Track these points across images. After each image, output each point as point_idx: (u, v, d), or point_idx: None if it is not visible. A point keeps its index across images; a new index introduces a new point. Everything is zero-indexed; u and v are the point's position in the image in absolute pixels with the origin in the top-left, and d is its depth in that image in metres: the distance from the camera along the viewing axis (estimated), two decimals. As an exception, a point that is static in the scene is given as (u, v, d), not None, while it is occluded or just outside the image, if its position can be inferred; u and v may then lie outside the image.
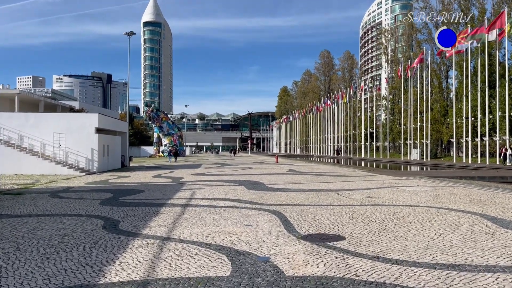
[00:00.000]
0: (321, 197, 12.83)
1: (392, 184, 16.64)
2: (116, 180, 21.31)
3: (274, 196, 13.10)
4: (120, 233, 7.67)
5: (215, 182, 19.18)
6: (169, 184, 18.40)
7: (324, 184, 17.13)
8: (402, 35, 64.76)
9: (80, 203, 12.06)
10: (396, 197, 12.62)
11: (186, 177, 22.29)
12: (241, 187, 16.55)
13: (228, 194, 13.96)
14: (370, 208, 10.38)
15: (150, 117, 76.61)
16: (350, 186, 16.10)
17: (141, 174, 26.20)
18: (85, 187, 17.21)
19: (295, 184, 17.37)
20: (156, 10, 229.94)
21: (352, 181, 18.53)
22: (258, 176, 22.42)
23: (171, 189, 15.82)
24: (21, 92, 33.11)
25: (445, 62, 53.02)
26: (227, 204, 11.48)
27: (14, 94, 32.48)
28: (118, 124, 36.64)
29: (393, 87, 65.32)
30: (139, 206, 11.20)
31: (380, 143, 64.66)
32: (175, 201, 12.18)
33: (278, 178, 20.85)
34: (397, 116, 65.59)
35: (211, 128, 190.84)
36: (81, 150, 28.55)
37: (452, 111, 47.31)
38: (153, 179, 21.68)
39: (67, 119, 29.17)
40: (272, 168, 31.87)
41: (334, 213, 9.68)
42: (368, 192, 13.92)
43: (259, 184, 17.60)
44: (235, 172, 26.48)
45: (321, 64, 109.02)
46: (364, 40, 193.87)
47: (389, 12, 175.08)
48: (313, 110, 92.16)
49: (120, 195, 14.14)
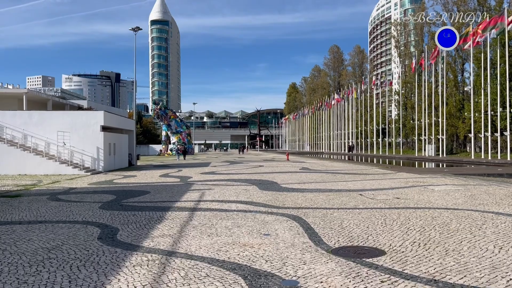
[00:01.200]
0: (343, 198, 11.62)
1: (417, 183, 15.35)
2: (121, 180, 20.31)
3: (291, 198, 11.92)
4: (117, 245, 6.56)
5: (225, 181, 18.06)
6: (177, 184, 17.32)
7: (342, 184, 15.90)
8: (414, 28, 62.89)
9: (79, 207, 11.01)
10: (427, 198, 11.36)
11: (194, 177, 21.21)
12: (253, 187, 15.40)
13: (240, 195, 12.82)
14: (402, 211, 9.15)
15: (158, 115, 75.79)
16: (371, 186, 14.85)
17: (148, 173, 25.19)
18: (88, 188, 16.20)
19: (311, 184, 16.17)
20: (163, 9, 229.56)
21: (372, 180, 17.27)
22: (271, 175, 21.25)
23: (178, 190, 14.72)
24: (29, 91, 32.34)
25: (461, 54, 51.20)
26: (239, 207, 10.34)
27: (22, 93, 31.68)
28: (125, 122, 35.71)
29: (405, 81, 63.56)
30: (143, 211, 10.11)
31: (393, 139, 63.04)
32: (183, 204, 11.07)
33: (292, 177, 19.66)
34: (410, 111, 63.88)
35: (219, 125, 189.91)
36: (87, 149, 27.66)
37: (469, 105, 45.63)
38: (160, 178, 20.64)
39: (71, 117, 28.25)
40: (283, 166, 30.67)
41: (362, 218, 8.47)
42: (394, 193, 12.68)
43: (273, 184, 16.43)
44: (245, 171, 25.34)
45: (331, 59, 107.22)
46: (373, 35, 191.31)
47: (398, 6, 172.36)
48: (323, 106, 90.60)
49: (123, 197, 13.08)
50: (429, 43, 52.42)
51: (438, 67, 49.79)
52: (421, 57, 50.10)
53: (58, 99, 41.04)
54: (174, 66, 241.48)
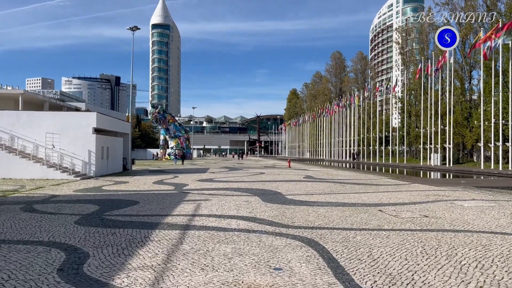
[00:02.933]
0: (361, 215, 9.98)
1: (440, 197, 13.71)
2: (111, 186, 18.65)
3: (300, 213, 10.28)
4: (78, 283, 4.91)
5: (223, 190, 16.40)
6: (170, 193, 15.66)
7: (355, 196, 14.25)
8: (420, 33, 61.55)
9: (52, 221, 9.34)
10: (460, 216, 9.72)
11: (190, 184, 19.55)
12: (255, 198, 13.76)
13: (240, 208, 11.17)
14: (440, 236, 7.51)
15: (156, 118, 74.30)
16: (389, 199, 13.21)
17: (141, 179, 23.52)
18: (71, 196, 14.54)
19: (320, 196, 14.51)
20: (164, 13, 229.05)
21: (387, 192, 15.62)
22: (273, 184, 19.60)
23: (171, 201, 13.06)
24: (25, 92, 30.85)
25: (468, 61, 49.79)
26: (240, 225, 8.69)
27: (18, 94, 30.09)
28: (120, 124, 34.08)
29: (410, 88, 62.10)
30: (125, 228, 8.45)
31: (397, 147, 61.43)
32: (174, 220, 9.42)
33: (297, 187, 18.00)
34: (414, 119, 62.37)
35: (219, 131, 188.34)
36: (77, 152, 26.06)
37: (477, 113, 44.13)
38: (153, 186, 18.98)
39: (62, 118, 26.64)
40: (286, 173, 29.01)
41: (394, 244, 6.83)
42: (418, 209, 11.02)
43: (277, 195, 14.78)
44: (245, 178, 23.68)
45: (332, 65, 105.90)
46: (374, 43, 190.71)
47: (400, 14, 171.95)
48: (324, 113, 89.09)
49: (107, 208, 11.42)
50: (435, 50, 50.99)
51: (445, 74, 48.38)
52: (427, 64, 48.67)
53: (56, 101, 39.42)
54: (175, 70, 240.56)
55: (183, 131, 75.88)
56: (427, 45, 59.88)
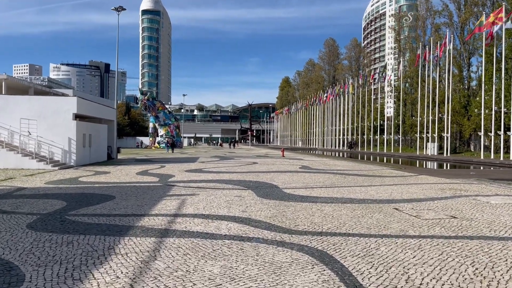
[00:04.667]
0: (375, 215, 8.39)
1: (457, 192, 12.18)
2: (89, 178, 16.87)
3: (303, 213, 8.66)
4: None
5: (213, 183, 14.72)
6: (153, 185, 13.95)
7: (361, 190, 12.68)
8: (417, 19, 59.87)
9: (0, 223, 7.60)
10: (495, 218, 8.16)
11: (177, 175, 17.83)
12: (248, 192, 12.12)
13: (232, 206, 9.51)
14: (486, 246, 5.92)
15: (145, 105, 71.93)
16: (401, 194, 11.64)
17: (125, 169, 21.75)
18: (40, 189, 12.76)
19: (321, 189, 12.91)
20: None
21: (395, 185, 14.07)
22: (268, 175, 17.96)
23: (152, 196, 11.36)
24: (8, 77, 28.71)
25: (467, 48, 48.32)
26: (232, 229, 7.04)
27: (1, 79, 27.90)
28: (104, 110, 32.04)
29: (406, 76, 60.60)
30: (88, 233, 6.75)
31: (392, 136, 60.18)
32: (150, 222, 7.73)
33: (294, 179, 16.39)
34: (410, 107, 61.07)
35: (210, 119, 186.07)
36: (56, 140, 24.15)
37: (476, 101, 42.91)
38: (135, 177, 17.23)
39: (40, 103, 24.63)
40: (280, 163, 27.40)
41: (433, 260, 5.23)
42: (439, 207, 9.47)
43: (273, 188, 13.16)
44: (237, 169, 22.02)
45: (326, 53, 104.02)
46: (367, 31, 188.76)
47: (393, 2, 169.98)
48: (317, 101, 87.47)
49: (75, 205, 9.70)
50: (434, 36, 49.46)
51: (442, 60, 46.93)
52: (425, 50, 47.10)
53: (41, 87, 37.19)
54: (165, 57, 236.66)
55: (173, 119, 73.75)
56: (424, 31, 58.31)
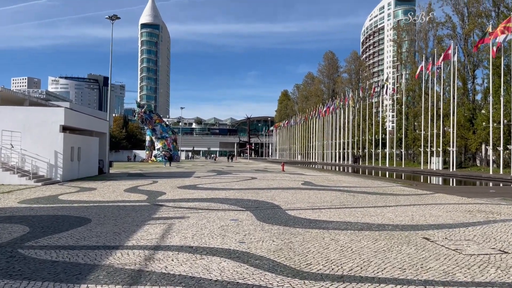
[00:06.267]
0: (404, 247, 6.77)
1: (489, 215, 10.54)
2: (71, 195, 15.21)
3: (314, 244, 7.03)
4: None
5: (207, 202, 13.08)
6: (139, 205, 12.30)
7: (376, 212, 11.05)
8: (419, 32, 58.92)
9: None
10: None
11: (168, 193, 16.18)
12: (247, 214, 10.49)
13: (227, 234, 7.88)
14: None
15: (142, 118, 70.47)
16: (423, 218, 10.01)
17: (114, 185, 20.09)
18: (7, 210, 11.10)
19: (330, 211, 11.28)
20: (154, 12, 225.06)
21: (411, 205, 12.46)
22: (268, 193, 16.32)
23: (134, 219, 9.72)
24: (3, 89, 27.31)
25: (471, 60, 47.15)
26: (225, 272, 5.40)
27: None
28: (96, 122, 30.47)
29: (408, 89, 59.38)
30: (33, 279, 5.11)
31: (394, 150, 58.66)
32: (123, 259, 6.08)
33: (297, 197, 14.76)
34: (412, 121, 59.71)
35: (208, 132, 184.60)
36: (42, 153, 22.60)
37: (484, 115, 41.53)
38: (122, 194, 15.58)
39: (24, 113, 23.09)
40: (281, 179, 25.75)
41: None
42: (477, 236, 7.85)
43: (274, 209, 11.53)
44: (235, 185, 20.37)
45: (325, 66, 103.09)
46: (365, 45, 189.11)
47: (391, 16, 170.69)
48: (316, 114, 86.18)
49: (39, 232, 8.06)
50: (437, 48, 48.34)
51: (445, 73, 45.74)
52: (429, 62, 45.90)
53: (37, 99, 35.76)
54: (164, 71, 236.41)
55: (170, 132, 72.25)
56: (426, 43, 57.30)
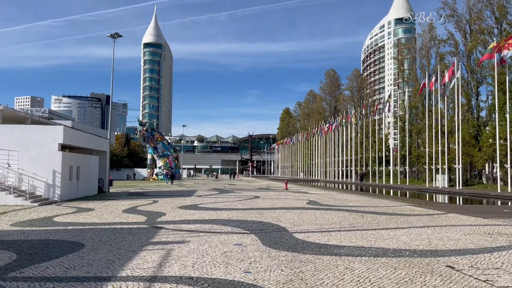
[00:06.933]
0: (428, 278, 6.08)
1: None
2: (67, 217, 14.56)
3: (327, 274, 6.35)
4: None
5: (209, 224, 12.40)
6: (137, 228, 11.63)
7: (389, 235, 10.35)
8: (421, 49, 58.85)
9: None
10: None
11: (168, 213, 15.51)
12: (251, 238, 9.81)
13: (230, 262, 7.21)
14: None
15: (144, 136, 70.06)
16: (442, 242, 9.31)
17: (112, 205, 19.43)
18: (-3, 234, 10.47)
19: (340, 234, 10.59)
20: (157, 32, 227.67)
21: (425, 227, 11.75)
22: (273, 213, 15.63)
23: (131, 244, 9.05)
24: (5, 108, 27.05)
25: (475, 77, 46.81)
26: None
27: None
28: (96, 141, 30.00)
29: (411, 106, 58.98)
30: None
31: (398, 168, 57.90)
32: (115, 292, 5.43)
33: (304, 218, 14.06)
34: (415, 138, 59.11)
35: (210, 150, 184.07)
36: (40, 173, 22.10)
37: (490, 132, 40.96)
38: (120, 216, 14.91)
39: (22, 132, 22.65)
40: (284, 197, 25.02)
41: None
42: (506, 263, 7.15)
43: (281, 232, 10.84)
44: (238, 205, 19.66)
45: (327, 83, 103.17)
46: (366, 63, 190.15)
47: (391, 35, 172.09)
48: (318, 131, 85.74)
49: (26, 260, 7.40)
50: (440, 65, 48.08)
51: (448, 90, 45.35)
52: (431, 80, 45.57)
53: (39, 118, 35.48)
54: (166, 89, 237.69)
55: (172, 150, 71.71)
56: (429, 60, 57.13)
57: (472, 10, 46.11)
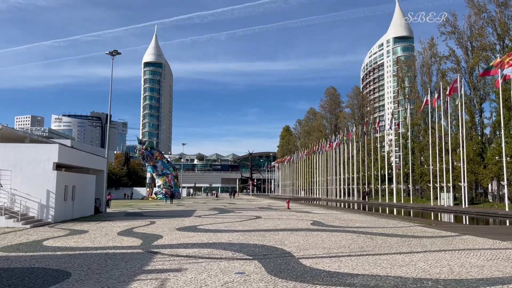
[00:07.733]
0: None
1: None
2: (57, 240, 13.70)
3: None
4: None
5: (208, 249, 11.55)
6: (131, 253, 10.78)
7: (404, 261, 9.50)
8: (422, 66, 58.66)
9: None
10: None
11: (165, 236, 14.64)
12: (254, 265, 8.97)
13: (233, 295, 6.39)
14: None
15: (143, 155, 69.35)
16: (465, 269, 8.47)
17: (107, 227, 18.56)
18: (-22, 262, 9.62)
19: (350, 259, 9.74)
20: (157, 51, 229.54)
21: (441, 251, 10.90)
22: (276, 236, 14.75)
23: (122, 273, 8.22)
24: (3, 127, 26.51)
25: (477, 93, 46.36)
26: None
27: None
28: (93, 159, 29.24)
29: (412, 123, 58.42)
30: None
31: (401, 186, 56.93)
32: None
33: (310, 241, 13.19)
34: (418, 155, 58.34)
35: (210, 168, 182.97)
36: (33, 193, 21.31)
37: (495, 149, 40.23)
38: (114, 239, 14.05)
39: (16, 151, 21.96)
40: (287, 217, 24.10)
41: None
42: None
43: (286, 257, 10.00)
44: (239, 226, 18.77)
45: (327, 101, 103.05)
46: (365, 82, 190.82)
47: (390, 53, 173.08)
48: (319, 149, 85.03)
49: (2, 294, 6.59)
50: (442, 81, 47.72)
51: (451, 106, 44.85)
52: (434, 97, 45.11)
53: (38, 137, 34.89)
54: (166, 108, 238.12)
55: (172, 169, 70.85)
56: (430, 77, 56.86)
57: (473, 27, 46.05)
